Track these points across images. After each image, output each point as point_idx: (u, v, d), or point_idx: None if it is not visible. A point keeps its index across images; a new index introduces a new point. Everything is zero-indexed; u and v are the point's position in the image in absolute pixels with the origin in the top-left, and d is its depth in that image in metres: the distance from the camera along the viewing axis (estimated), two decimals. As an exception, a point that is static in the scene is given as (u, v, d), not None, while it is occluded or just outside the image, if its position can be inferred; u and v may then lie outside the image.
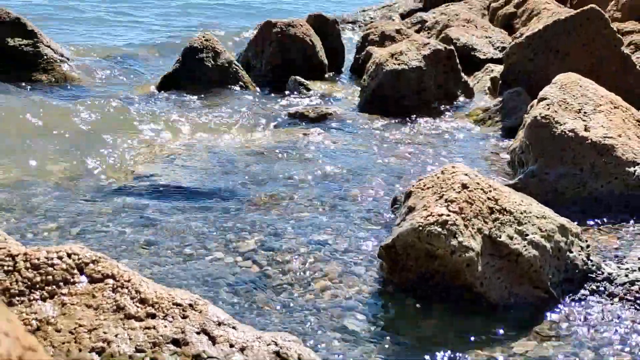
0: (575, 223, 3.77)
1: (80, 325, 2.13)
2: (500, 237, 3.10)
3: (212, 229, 4.07)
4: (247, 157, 5.31)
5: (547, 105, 4.68)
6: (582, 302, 3.13)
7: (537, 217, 3.26)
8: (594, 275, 3.26)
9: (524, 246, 3.12)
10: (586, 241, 3.43)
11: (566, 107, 4.70)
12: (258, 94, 7.46)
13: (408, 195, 3.43)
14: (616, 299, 3.12)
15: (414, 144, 5.89)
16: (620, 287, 3.17)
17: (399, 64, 6.96)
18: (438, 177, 3.35)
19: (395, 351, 2.88)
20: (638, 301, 3.07)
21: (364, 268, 3.58)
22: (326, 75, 8.46)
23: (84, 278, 2.28)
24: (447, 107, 6.98)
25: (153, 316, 2.20)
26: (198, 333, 2.17)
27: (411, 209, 3.25)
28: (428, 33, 9.95)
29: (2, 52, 7.39)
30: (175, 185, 4.69)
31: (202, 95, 7.12)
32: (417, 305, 3.15)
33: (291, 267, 3.61)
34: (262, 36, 8.28)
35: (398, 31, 8.68)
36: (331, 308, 3.22)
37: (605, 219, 4.19)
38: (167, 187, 4.67)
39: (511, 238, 3.12)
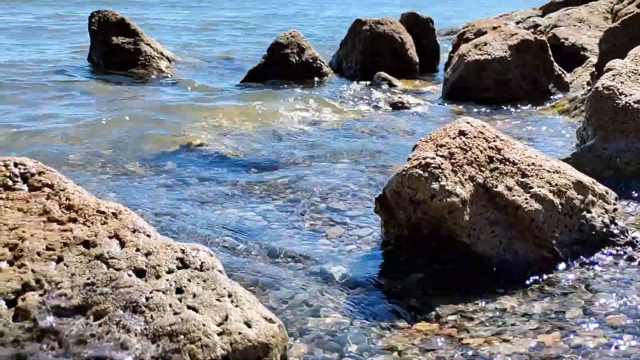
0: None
1: (4, 224, 2.17)
2: (496, 187, 2.79)
3: (239, 191, 4.05)
4: (301, 133, 5.28)
5: (613, 75, 4.21)
6: (592, 265, 2.72)
7: (549, 172, 2.91)
8: (615, 240, 2.84)
9: (525, 199, 2.79)
10: (614, 204, 3.00)
11: (636, 79, 4.21)
12: (340, 88, 7.40)
13: (413, 149, 3.20)
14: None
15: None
16: (643, 251, 2.73)
17: (481, 55, 6.62)
18: (444, 129, 3.10)
19: (370, 303, 2.67)
20: (659, 266, 2.63)
21: (369, 230, 3.40)
22: (417, 75, 8.23)
23: (25, 186, 2.32)
24: (535, 100, 6.51)
25: (74, 221, 2.19)
26: (110, 237, 2.13)
27: (409, 160, 3.02)
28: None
29: (108, 49, 7.95)
30: (221, 154, 4.76)
31: (282, 87, 7.19)
32: (407, 259, 2.91)
33: (296, 225, 3.51)
34: (352, 35, 8.24)
35: (495, 28, 8.28)
36: (319, 259, 3.07)
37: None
38: (213, 155, 4.74)
39: (510, 189, 2.80)
